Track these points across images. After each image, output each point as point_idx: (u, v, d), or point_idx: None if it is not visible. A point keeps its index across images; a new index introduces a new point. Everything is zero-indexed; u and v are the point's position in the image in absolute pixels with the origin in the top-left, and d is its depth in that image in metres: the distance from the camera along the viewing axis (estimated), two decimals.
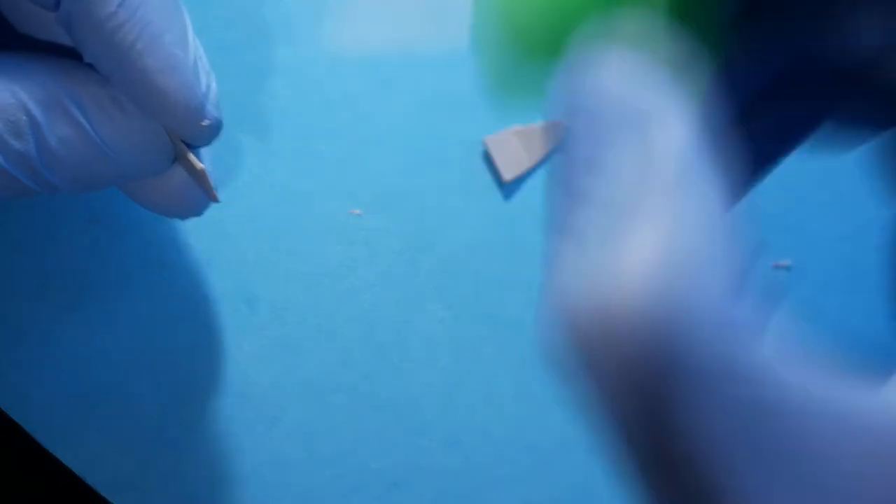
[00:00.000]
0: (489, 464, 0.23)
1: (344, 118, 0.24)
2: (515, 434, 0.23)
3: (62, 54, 0.18)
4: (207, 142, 0.19)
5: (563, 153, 0.12)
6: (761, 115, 0.14)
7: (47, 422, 0.23)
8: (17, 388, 0.23)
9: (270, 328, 0.23)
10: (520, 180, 0.24)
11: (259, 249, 0.23)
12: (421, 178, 0.24)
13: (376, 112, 0.24)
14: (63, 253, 0.23)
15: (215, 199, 0.20)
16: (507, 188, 0.24)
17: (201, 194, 0.20)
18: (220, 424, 0.23)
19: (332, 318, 0.23)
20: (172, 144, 0.19)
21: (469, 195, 0.24)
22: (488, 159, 0.24)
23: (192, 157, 0.19)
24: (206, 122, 0.18)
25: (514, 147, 0.24)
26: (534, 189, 0.24)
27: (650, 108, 0.11)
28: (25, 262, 0.23)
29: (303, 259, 0.23)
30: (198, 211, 0.21)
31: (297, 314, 0.23)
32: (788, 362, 0.10)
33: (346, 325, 0.23)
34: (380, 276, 0.23)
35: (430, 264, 0.23)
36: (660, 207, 0.11)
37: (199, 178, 0.19)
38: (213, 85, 0.19)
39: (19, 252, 0.23)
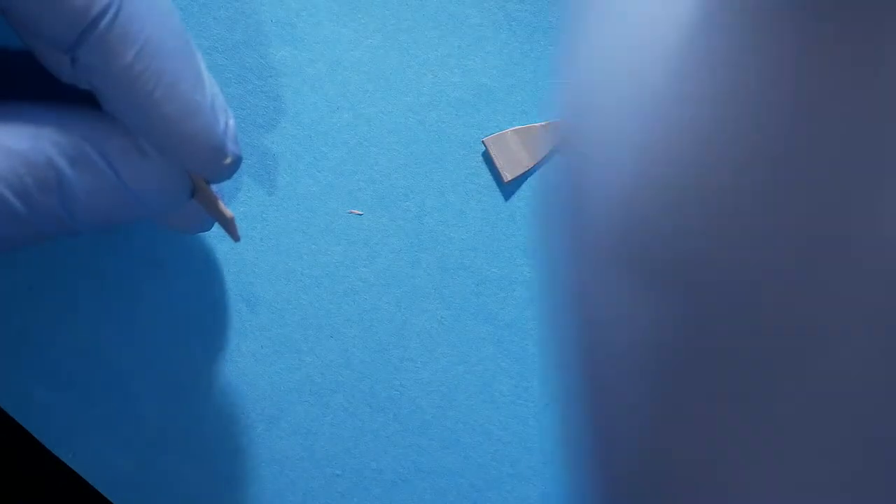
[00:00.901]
0: (489, 464, 0.23)
1: (344, 118, 0.24)
2: (516, 434, 0.23)
3: (88, 100, 0.18)
4: (228, 177, 0.19)
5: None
6: None
7: (47, 422, 0.23)
8: (17, 388, 0.23)
9: (270, 328, 0.23)
10: (520, 180, 0.24)
11: (259, 249, 0.23)
12: (421, 178, 0.24)
13: (376, 112, 0.24)
14: (63, 253, 0.23)
15: (236, 238, 0.20)
16: (507, 188, 0.24)
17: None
18: (220, 424, 0.23)
19: (332, 318, 0.23)
20: (191, 180, 0.19)
21: (469, 195, 0.24)
22: (488, 159, 0.24)
23: (210, 193, 0.20)
24: (227, 161, 0.19)
25: (515, 147, 0.24)
26: (534, 189, 0.24)
27: None
28: (25, 262, 0.23)
29: (303, 259, 0.24)
30: (206, 227, 0.21)
31: (298, 314, 0.23)
32: None
33: (346, 325, 0.23)
34: (380, 276, 0.24)
35: (430, 264, 0.24)
36: None
37: (217, 214, 0.20)
38: (231, 122, 0.19)
39: (19, 252, 0.23)
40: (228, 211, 0.20)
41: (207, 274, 0.23)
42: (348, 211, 0.24)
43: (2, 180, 0.17)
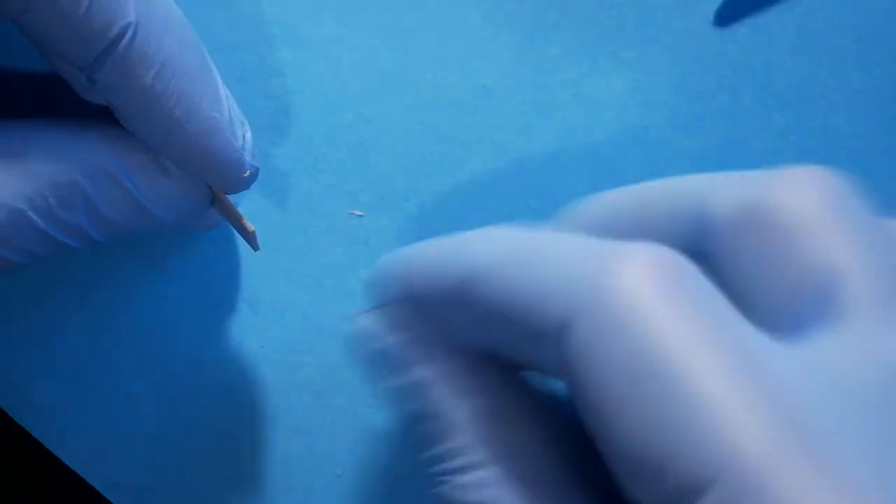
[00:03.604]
0: None
1: (344, 119, 0.24)
2: None
3: (109, 114, 0.19)
4: (246, 188, 0.20)
5: None
6: None
7: (47, 422, 0.23)
8: (17, 388, 0.23)
9: (271, 329, 0.23)
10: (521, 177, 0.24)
11: (260, 250, 0.23)
12: (421, 179, 0.24)
13: (377, 113, 0.24)
14: (63, 254, 0.23)
15: (255, 247, 0.21)
16: (507, 189, 0.24)
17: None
18: (220, 424, 0.23)
19: (332, 319, 0.23)
20: (211, 193, 0.20)
21: (469, 195, 0.24)
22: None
23: (231, 206, 0.20)
24: (246, 174, 0.19)
25: None
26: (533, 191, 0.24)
27: None
28: None
29: (304, 259, 0.24)
30: (213, 225, 0.21)
31: (298, 314, 0.23)
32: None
33: (346, 325, 0.23)
34: None
35: None
36: None
37: (236, 223, 0.20)
38: (248, 135, 0.20)
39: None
40: (250, 225, 0.21)
41: (208, 274, 0.23)
42: (349, 212, 0.24)
43: (27, 201, 0.17)
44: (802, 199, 0.14)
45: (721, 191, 0.15)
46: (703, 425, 0.11)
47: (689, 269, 0.13)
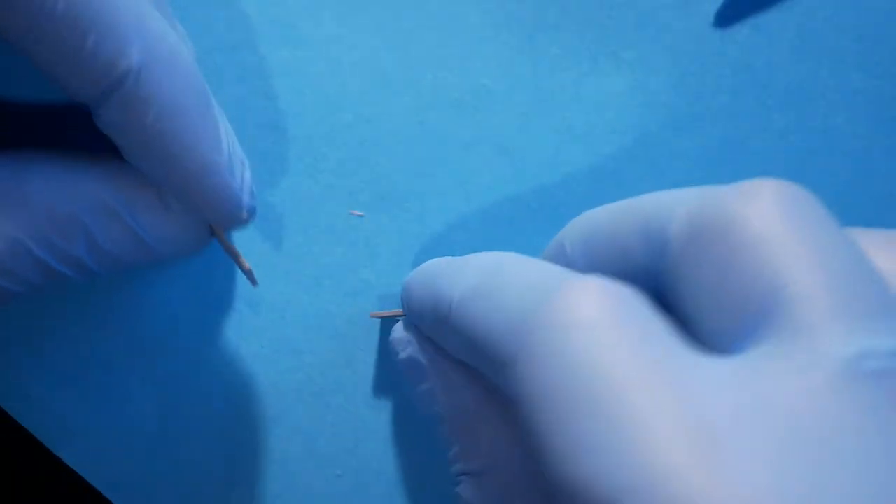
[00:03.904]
0: None
1: (344, 119, 0.24)
2: None
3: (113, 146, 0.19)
4: (244, 226, 0.20)
5: None
6: None
7: (47, 422, 0.23)
8: (17, 388, 0.23)
9: (271, 329, 0.23)
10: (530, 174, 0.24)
11: (260, 250, 0.23)
12: (421, 179, 0.24)
13: (377, 113, 0.24)
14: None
15: (253, 281, 0.21)
16: (508, 190, 0.24)
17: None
18: (220, 424, 0.23)
19: (333, 319, 0.23)
20: (210, 229, 0.20)
21: (469, 196, 0.24)
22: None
23: (229, 244, 0.21)
24: (244, 214, 0.20)
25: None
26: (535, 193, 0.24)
27: None
28: None
29: (304, 260, 0.24)
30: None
31: (298, 315, 0.23)
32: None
33: (346, 325, 0.23)
34: (381, 277, 0.24)
35: None
36: None
37: (234, 257, 0.21)
38: (247, 174, 0.20)
39: None
40: (246, 263, 0.21)
41: (208, 274, 0.23)
42: (349, 212, 0.24)
43: (28, 235, 0.18)
44: (753, 213, 0.14)
45: (679, 208, 0.15)
46: (619, 449, 0.12)
47: (628, 297, 0.14)
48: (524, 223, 0.24)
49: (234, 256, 0.21)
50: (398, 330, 0.21)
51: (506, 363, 0.14)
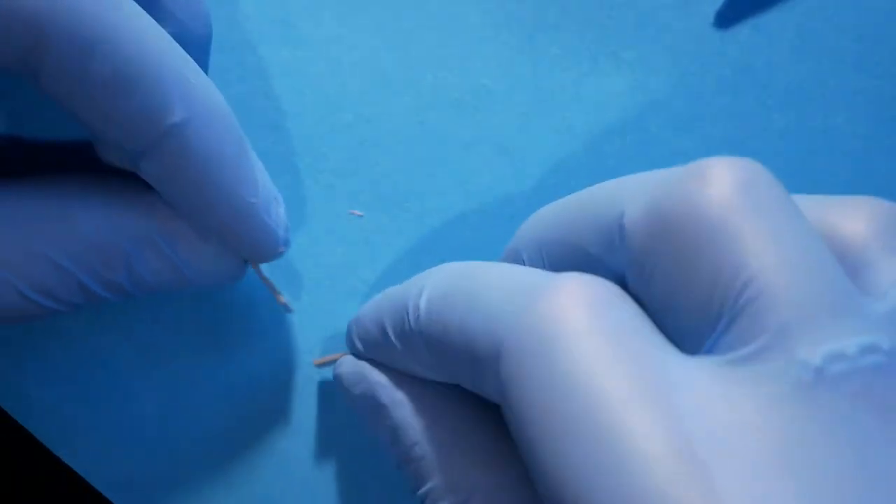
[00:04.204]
0: None
1: (344, 119, 0.24)
2: None
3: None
4: (279, 258, 0.21)
5: None
6: None
7: (47, 422, 0.23)
8: (17, 389, 0.23)
9: (272, 329, 0.23)
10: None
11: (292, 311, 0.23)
12: (422, 179, 0.24)
13: (377, 113, 0.24)
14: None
15: (288, 309, 0.22)
16: (509, 190, 0.24)
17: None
18: (220, 424, 0.23)
19: (333, 319, 0.23)
20: (245, 262, 0.21)
21: (469, 196, 0.24)
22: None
23: (265, 276, 0.21)
24: (280, 249, 0.20)
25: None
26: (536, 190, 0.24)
27: None
28: None
29: (304, 260, 0.24)
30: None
31: (298, 315, 0.23)
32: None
33: (346, 325, 0.23)
34: (381, 277, 0.24)
35: (431, 265, 0.24)
36: None
37: (271, 289, 0.22)
38: (281, 210, 0.21)
39: None
40: (282, 297, 0.22)
41: None
42: (349, 212, 0.24)
43: (74, 262, 0.18)
44: (709, 200, 0.13)
45: (632, 199, 0.15)
46: (609, 471, 0.12)
47: (611, 298, 0.14)
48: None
49: (270, 289, 0.22)
50: (346, 364, 0.21)
51: (490, 371, 0.14)
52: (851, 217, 0.14)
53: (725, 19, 0.24)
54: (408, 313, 0.18)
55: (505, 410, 0.14)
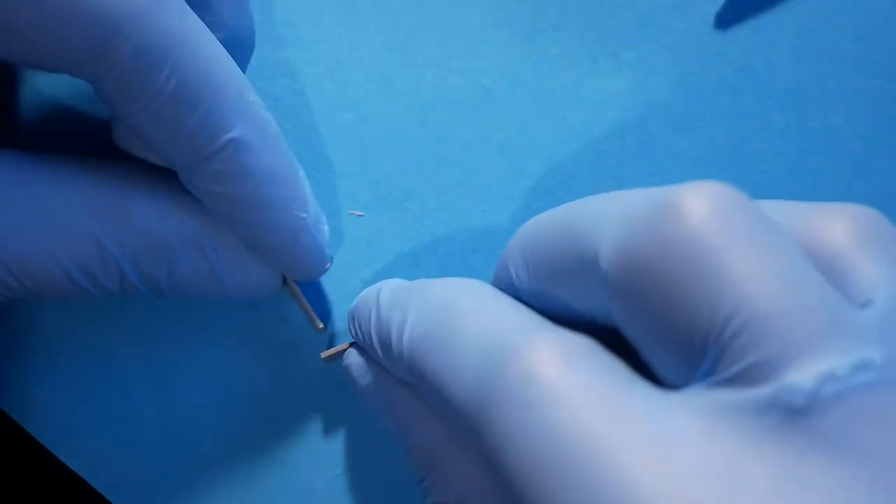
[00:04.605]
0: None
1: (345, 119, 0.24)
2: None
3: None
4: (321, 276, 0.21)
5: None
6: None
7: (48, 422, 0.23)
8: (17, 388, 0.23)
9: (272, 330, 0.23)
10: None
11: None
12: (421, 179, 0.24)
13: (377, 113, 0.24)
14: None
15: (319, 329, 0.22)
16: (508, 191, 0.24)
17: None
18: (220, 425, 0.23)
19: (332, 319, 0.23)
20: (282, 278, 0.21)
21: (470, 196, 0.24)
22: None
23: (300, 295, 0.22)
24: (327, 266, 0.21)
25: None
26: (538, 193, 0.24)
27: None
28: None
29: None
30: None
31: (299, 315, 0.23)
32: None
33: (346, 325, 0.23)
34: (380, 278, 0.24)
35: (431, 265, 0.24)
36: None
37: (305, 310, 0.22)
38: (326, 228, 0.21)
39: None
40: (319, 322, 0.22)
41: None
42: (349, 212, 0.24)
43: (121, 250, 0.19)
44: (684, 234, 0.13)
45: (607, 235, 0.14)
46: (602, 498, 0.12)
47: (581, 351, 0.14)
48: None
49: (304, 309, 0.22)
50: (354, 355, 0.21)
51: (469, 427, 0.14)
52: (833, 224, 0.14)
53: (725, 19, 0.24)
54: (391, 339, 0.18)
55: (489, 464, 0.14)
